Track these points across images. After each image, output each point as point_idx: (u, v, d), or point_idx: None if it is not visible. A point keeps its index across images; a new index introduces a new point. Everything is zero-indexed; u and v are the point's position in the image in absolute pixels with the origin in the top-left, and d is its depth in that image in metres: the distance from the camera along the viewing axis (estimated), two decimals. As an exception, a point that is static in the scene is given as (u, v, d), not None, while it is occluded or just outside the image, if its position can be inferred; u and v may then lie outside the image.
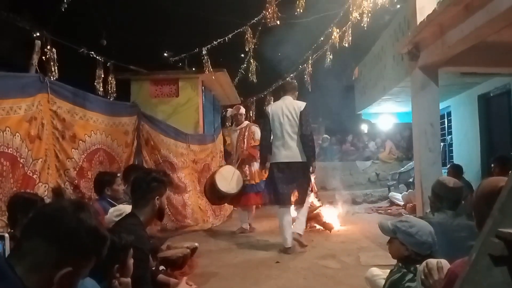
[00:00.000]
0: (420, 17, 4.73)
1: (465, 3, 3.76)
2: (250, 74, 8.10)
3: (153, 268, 3.21)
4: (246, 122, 6.93)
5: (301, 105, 5.13)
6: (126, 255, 2.04)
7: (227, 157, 6.54)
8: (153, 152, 6.03)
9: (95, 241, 1.22)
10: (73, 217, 1.19)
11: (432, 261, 1.98)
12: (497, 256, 1.28)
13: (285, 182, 5.09)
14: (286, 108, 5.11)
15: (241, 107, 7.12)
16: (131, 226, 2.39)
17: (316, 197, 6.98)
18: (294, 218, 5.25)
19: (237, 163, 6.45)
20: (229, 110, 6.94)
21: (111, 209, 3.21)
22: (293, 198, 5.21)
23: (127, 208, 2.88)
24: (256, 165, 6.29)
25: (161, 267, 3.61)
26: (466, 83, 8.11)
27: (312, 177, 5.87)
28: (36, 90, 3.63)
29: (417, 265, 2.12)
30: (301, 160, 5.09)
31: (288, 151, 5.08)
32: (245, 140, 6.58)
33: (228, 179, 6.05)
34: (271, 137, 5.22)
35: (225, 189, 5.91)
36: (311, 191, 5.76)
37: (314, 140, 5.44)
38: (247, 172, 6.47)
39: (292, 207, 5.27)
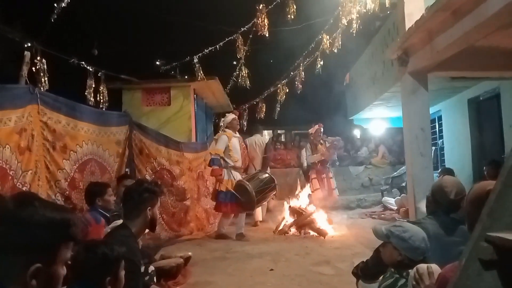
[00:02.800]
0: (409, 23, 4.77)
1: (453, 8, 3.80)
2: (241, 81, 8.13)
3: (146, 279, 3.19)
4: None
5: (265, 140, 8.63)
6: (118, 267, 2.02)
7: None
8: (149, 161, 5.98)
9: (53, 230, 1.14)
10: (17, 217, 1.11)
11: (423, 266, 1.98)
12: (487, 261, 1.29)
13: None
14: (259, 141, 8.33)
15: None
16: (123, 238, 2.37)
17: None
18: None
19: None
20: (228, 115, 7.00)
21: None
22: None
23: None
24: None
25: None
26: (456, 87, 8.18)
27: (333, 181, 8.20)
28: (26, 101, 3.59)
29: (410, 271, 2.12)
30: None
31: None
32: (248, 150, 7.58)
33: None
34: None
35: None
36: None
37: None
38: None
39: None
